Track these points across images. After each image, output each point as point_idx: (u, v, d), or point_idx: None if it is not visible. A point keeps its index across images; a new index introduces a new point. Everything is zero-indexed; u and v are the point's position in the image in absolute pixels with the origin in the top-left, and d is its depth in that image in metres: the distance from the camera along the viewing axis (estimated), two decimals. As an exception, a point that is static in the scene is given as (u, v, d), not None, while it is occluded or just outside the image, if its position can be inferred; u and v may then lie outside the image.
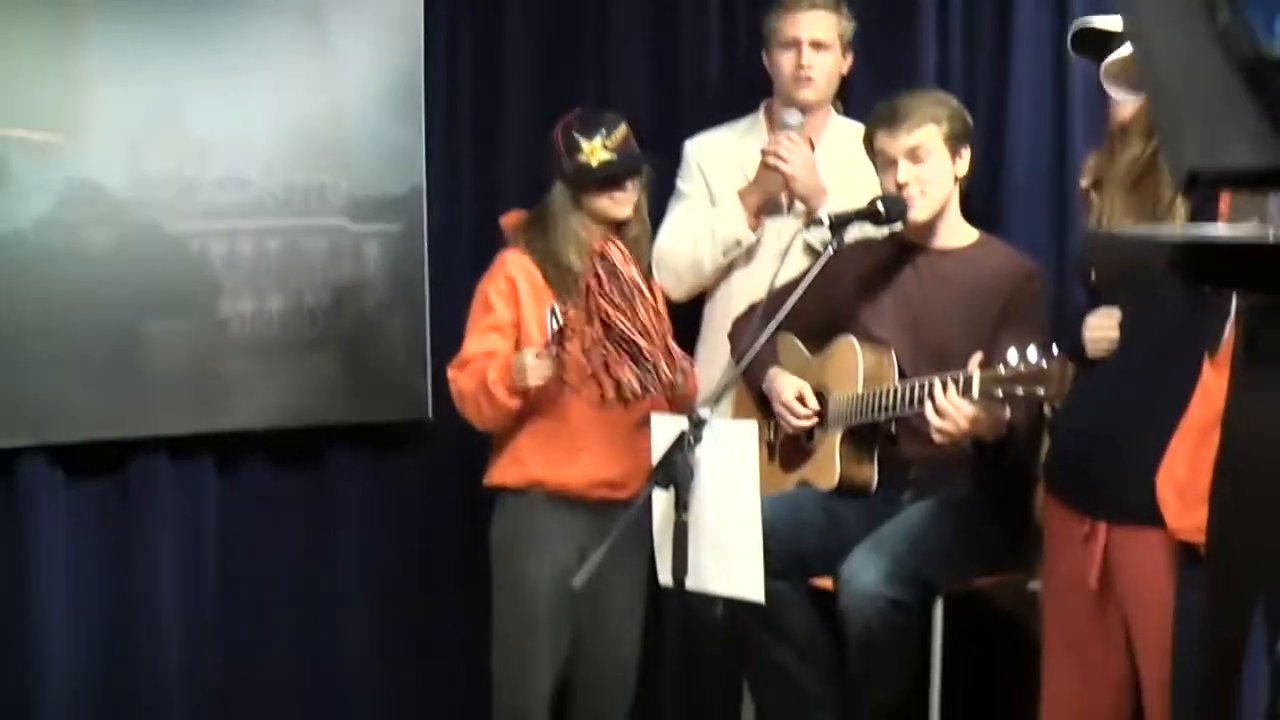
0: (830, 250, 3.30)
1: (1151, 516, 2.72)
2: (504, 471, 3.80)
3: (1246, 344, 2.17)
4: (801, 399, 3.54)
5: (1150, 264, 1.75)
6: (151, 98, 3.91)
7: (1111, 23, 3.08)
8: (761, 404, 3.66)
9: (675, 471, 2.96)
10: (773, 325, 3.19)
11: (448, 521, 4.34)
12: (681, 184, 4.01)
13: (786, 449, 3.67)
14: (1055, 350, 2.95)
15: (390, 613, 4.34)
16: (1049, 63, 3.75)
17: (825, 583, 3.36)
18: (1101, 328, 3.06)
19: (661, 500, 3.06)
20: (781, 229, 3.84)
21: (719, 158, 3.97)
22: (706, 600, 3.32)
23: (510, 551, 3.78)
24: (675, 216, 3.96)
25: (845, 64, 3.90)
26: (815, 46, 3.81)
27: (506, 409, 3.68)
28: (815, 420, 3.53)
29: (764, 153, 3.80)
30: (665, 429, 3.07)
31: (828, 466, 3.49)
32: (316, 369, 4.16)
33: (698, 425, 2.99)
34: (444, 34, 4.27)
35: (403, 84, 4.19)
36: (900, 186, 3.40)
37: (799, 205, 3.85)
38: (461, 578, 4.26)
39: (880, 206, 3.37)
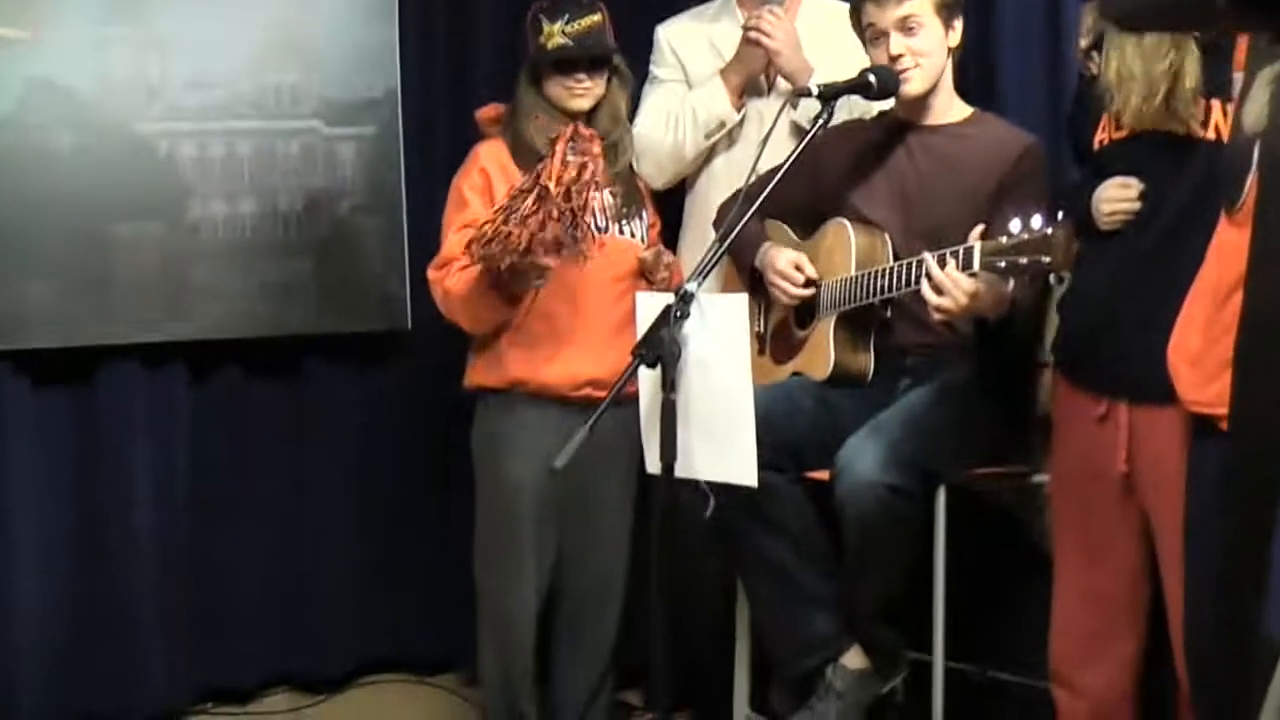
0: (820, 123, 3.15)
1: (1175, 393, 2.60)
2: (484, 372, 3.68)
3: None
4: (798, 267, 3.40)
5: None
6: (114, -6, 3.77)
7: None
8: (752, 290, 3.51)
9: (661, 348, 2.83)
10: (760, 199, 3.05)
11: (428, 434, 4.23)
12: (655, 69, 3.86)
13: (777, 340, 3.54)
14: (1060, 216, 2.82)
15: (369, 526, 4.25)
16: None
17: (820, 475, 3.23)
18: (1118, 199, 2.93)
19: (648, 380, 2.93)
20: (764, 110, 3.70)
21: (693, 40, 3.83)
22: (696, 497, 3.21)
23: (491, 452, 3.65)
24: (652, 102, 3.82)
25: None
26: None
27: (503, 309, 3.56)
28: (812, 291, 3.38)
29: (746, 28, 3.66)
30: (650, 306, 2.95)
31: (821, 355, 3.36)
32: (291, 276, 4.05)
33: (684, 300, 2.86)
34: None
35: (376, -15, 4.06)
36: (893, 59, 3.26)
37: (781, 85, 3.70)
38: (443, 492, 4.16)
39: (871, 78, 3.21)
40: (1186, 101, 2.83)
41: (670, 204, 3.85)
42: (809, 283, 3.40)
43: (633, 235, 3.71)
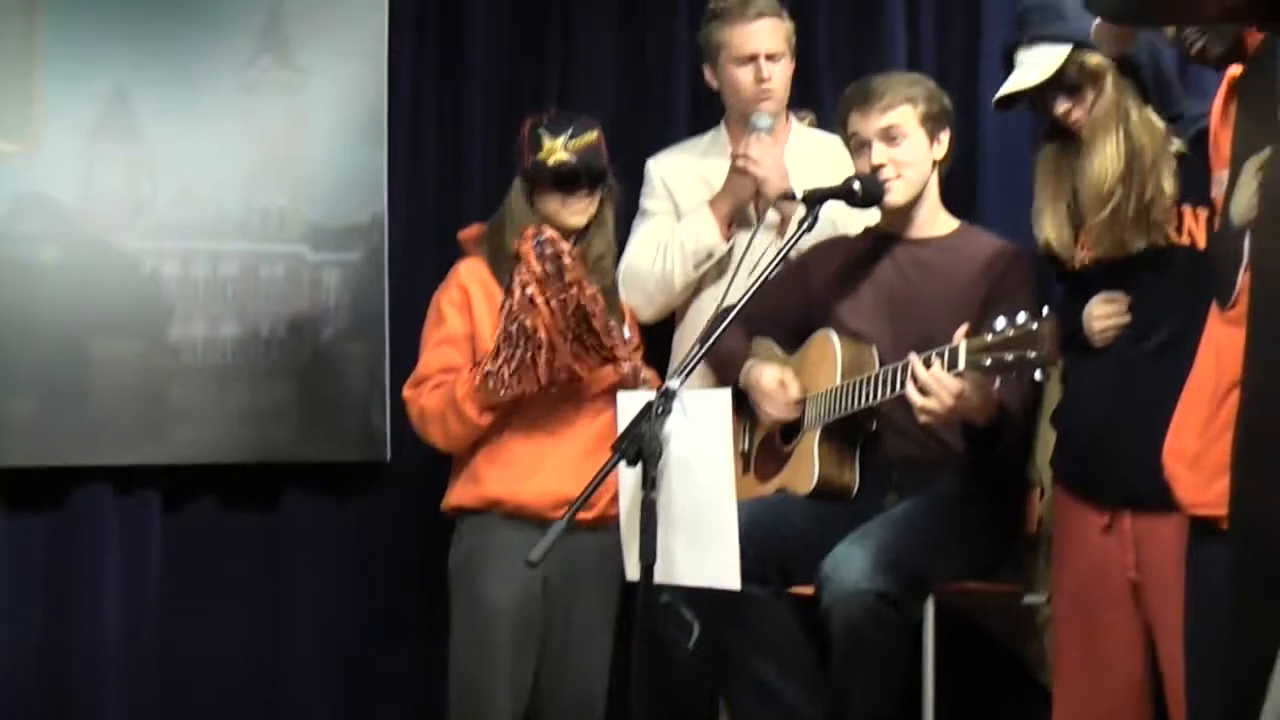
0: (804, 227, 3.14)
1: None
2: (461, 493, 3.62)
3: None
4: (784, 384, 3.35)
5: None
6: (105, 110, 3.79)
7: (1031, 73, 2.98)
8: (737, 409, 3.46)
9: (642, 443, 2.77)
10: (744, 299, 3.01)
11: (406, 568, 4.13)
12: (646, 202, 3.86)
13: (762, 458, 3.48)
14: (1045, 311, 2.79)
15: (344, 665, 4.11)
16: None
17: (805, 590, 3.14)
18: (1108, 314, 2.95)
19: (628, 479, 2.86)
20: (753, 242, 3.68)
21: (684, 174, 3.82)
22: (680, 625, 3.13)
23: (468, 573, 3.56)
24: (642, 234, 3.81)
25: (792, 67, 3.76)
26: (771, 58, 3.67)
27: (476, 427, 3.51)
28: (797, 410, 3.33)
29: (734, 156, 3.66)
30: (632, 404, 2.89)
31: (805, 469, 3.29)
32: (271, 402, 3.99)
33: (666, 396, 2.81)
34: (409, 61, 4.18)
35: (367, 110, 4.07)
36: (875, 169, 3.26)
37: (770, 216, 3.68)
38: (421, 626, 4.04)
39: (856, 185, 3.20)
40: (1165, 211, 2.86)
41: (660, 337, 3.82)
42: (795, 402, 3.35)
43: None
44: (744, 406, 3.45)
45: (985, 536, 3.22)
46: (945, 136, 3.32)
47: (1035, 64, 2.95)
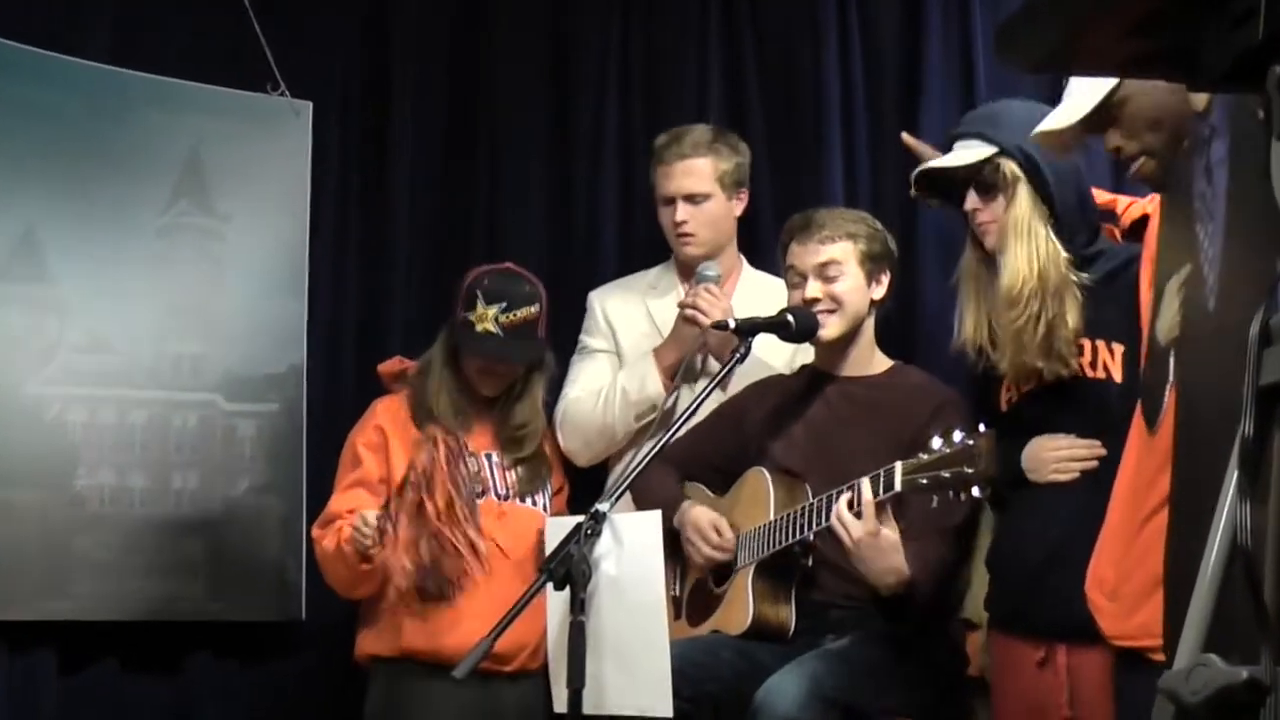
0: (736, 357, 3.07)
1: None
2: (376, 641, 3.49)
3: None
4: (717, 529, 3.24)
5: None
6: (13, 251, 3.67)
7: (954, 158, 3.03)
8: (670, 554, 3.33)
9: (570, 565, 2.66)
10: (673, 430, 2.94)
11: (321, 735, 3.92)
12: (587, 338, 3.76)
13: (694, 602, 3.35)
14: (981, 427, 2.75)
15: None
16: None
17: (740, 731, 2.99)
18: (1063, 449, 2.91)
19: (557, 603, 2.74)
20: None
21: (629, 310, 3.73)
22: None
23: (387, 724, 3.39)
24: (583, 375, 3.70)
25: (738, 205, 3.67)
26: (690, 200, 3.60)
27: (359, 571, 3.41)
28: (729, 553, 3.22)
29: (681, 305, 3.55)
30: (560, 528, 2.79)
31: (739, 608, 3.16)
32: (179, 557, 3.82)
33: (595, 519, 2.71)
34: (332, 211, 4.11)
35: (288, 258, 4.00)
36: (807, 302, 3.21)
37: (713, 366, 3.55)
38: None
39: (790, 318, 3.16)
40: (1068, 342, 2.86)
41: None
42: (727, 547, 3.24)
43: (534, 504, 3.59)
44: (676, 550, 3.33)
45: (923, 674, 3.10)
46: (885, 278, 3.26)
47: (958, 154, 3.00)
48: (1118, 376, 2.85)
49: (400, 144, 4.16)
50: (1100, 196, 3.11)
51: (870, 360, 3.32)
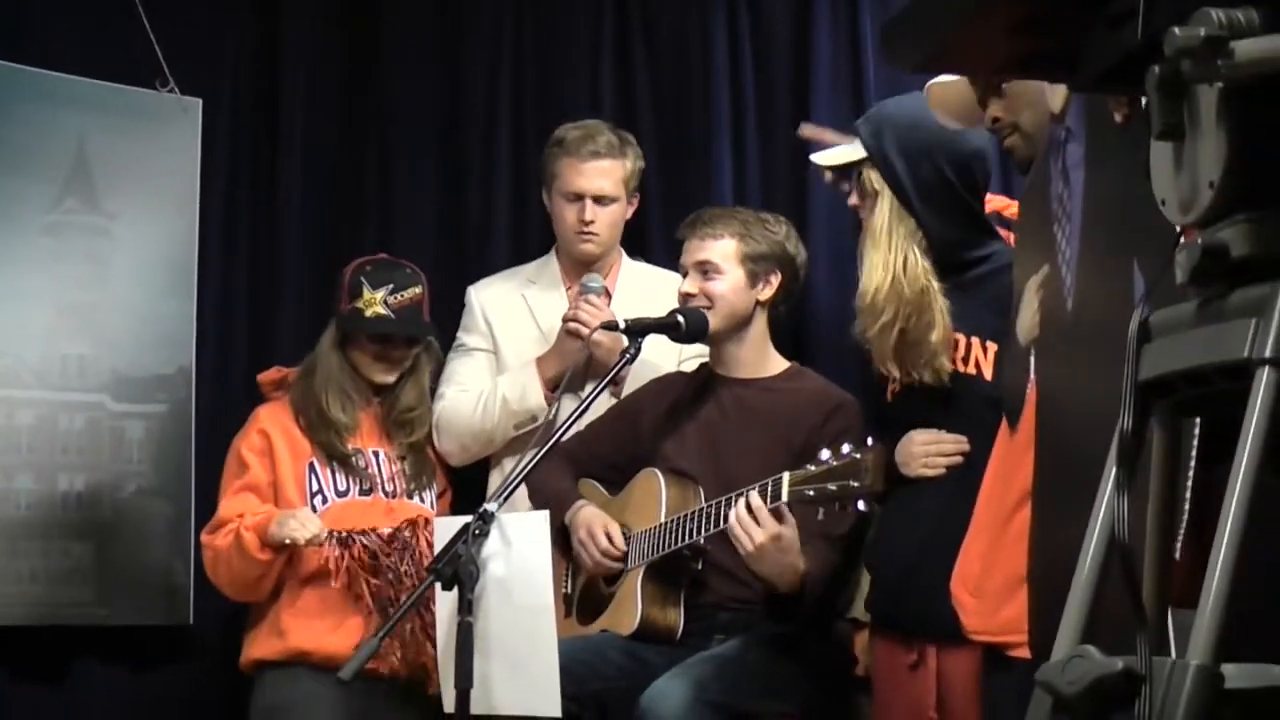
0: (626, 359, 3.09)
1: None
2: (262, 645, 3.47)
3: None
4: (607, 533, 3.24)
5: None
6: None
7: (830, 156, 3.09)
8: (562, 550, 3.34)
9: (458, 565, 2.66)
10: (564, 429, 2.94)
11: (208, 738, 3.87)
12: (465, 336, 3.74)
13: (585, 600, 3.36)
14: (870, 441, 2.77)
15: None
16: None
17: (626, 730, 3.00)
18: (934, 443, 2.92)
19: (445, 604, 2.74)
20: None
21: (508, 305, 3.72)
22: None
23: (272, 728, 3.36)
24: (461, 375, 3.68)
25: (631, 208, 3.70)
26: (599, 200, 3.61)
27: (256, 562, 3.39)
28: (619, 559, 3.22)
29: (564, 318, 3.53)
30: (449, 528, 2.79)
31: (628, 608, 3.18)
32: (66, 561, 3.75)
33: (483, 519, 2.71)
34: (221, 210, 4.05)
35: (176, 258, 3.93)
36: (684, 297, 3.22)
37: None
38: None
39: (680, 319, 3.18)
40: (934, 353, 2.89)
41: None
42: (617, 555, 3.25)
43: (422, 501, 3.59)
44: (568, 548, 3.34)
45: (809, 675, 3.12)
46: (775, 280, 3.26)
47: (837, 152, 3.08)
48: (988, 374, 2.87)
49: (290, 141, 4.12)
50: (996, 202, 3.14)
51: (764, 362, 3.34)
